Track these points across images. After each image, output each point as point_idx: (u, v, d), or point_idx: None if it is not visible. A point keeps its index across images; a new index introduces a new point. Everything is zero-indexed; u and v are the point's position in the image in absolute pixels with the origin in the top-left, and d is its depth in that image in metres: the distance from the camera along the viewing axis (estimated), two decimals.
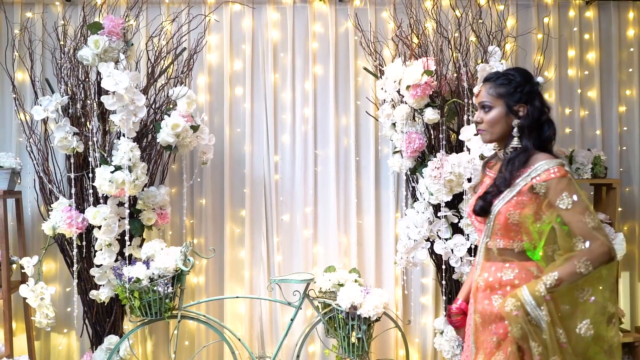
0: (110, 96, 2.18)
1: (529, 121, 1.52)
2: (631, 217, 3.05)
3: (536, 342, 1.38)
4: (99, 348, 2.50)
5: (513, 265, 1.51)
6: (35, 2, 2.87)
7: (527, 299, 1.39)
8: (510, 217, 1.49)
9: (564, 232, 1.42)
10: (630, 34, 3.07)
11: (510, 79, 1.54)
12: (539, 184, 1.45)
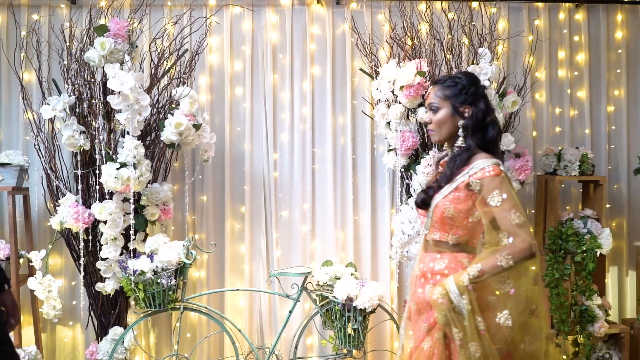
0: (116, 96, 2.27)
1: (473, 122, 1.61)
2: (619, 214, 3.15)
3: (457, 328, 1.47)
4: (104, 339, 2.59)
5: (445, 256, 1.61)
6: (42, 5, 2.96)
7: (451, 288, 1.49)
8: (446, 211, 1.58)
9: (490, 228, 1.51)
10: (618, 36, 3.17)
11: (456, 82, 1.63)
12: (475, 181, 1.55)
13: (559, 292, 2.59)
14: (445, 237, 1.62)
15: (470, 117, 1.61)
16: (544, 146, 3.00)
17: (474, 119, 1.61)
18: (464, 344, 1.47)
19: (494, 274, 1.47)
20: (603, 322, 2.62)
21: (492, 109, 1.66)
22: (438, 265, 1.61)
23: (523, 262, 1.48)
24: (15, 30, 2.86)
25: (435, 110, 1.65)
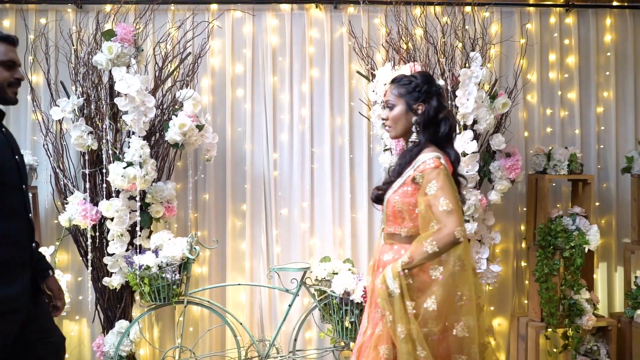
0: (123, 98, 2.38)
1: (425, 118, 1.70)
2: (608, 211, 3.26)
3: (388, 312, 1.57)
4: (110, 332, 2.69)
5: (396, 247, 1.71)
6: (49, 9, 3.07)
7: (388, 274, 1.59)
8: (396, 205, 1.68)
9: (424, 216, 1.60)
10: (607, 39, 3.27)
11: (411, 81, 1.73)
12: (418, 174, 1.64)
13: (548, 286, 2.70)
14: (398, 229, 1.71)
15: (423, 114, 1.70)
16: (535, 146, 3.11)
17: (425, 115, 1.70)
18: (393, 326, 1.57)
19: (422, 259, 1.55)
20: (591, 315, 2.72)
21: (445, 107, 1.74)
22: (387, 256, 1.71)
23: (449, 248, 1.54)
24: (26, 34, 2.95)
25: (391, 108, 1.74)
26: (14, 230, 1.62)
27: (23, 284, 1.64)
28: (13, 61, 1.63)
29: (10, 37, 1.67)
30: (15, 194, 1.65)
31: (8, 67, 1.61)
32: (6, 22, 3.07)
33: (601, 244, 3.24)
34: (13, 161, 1.66)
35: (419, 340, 1.54)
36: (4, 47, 1.62)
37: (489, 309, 3.15)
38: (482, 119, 2.54)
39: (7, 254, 1.59)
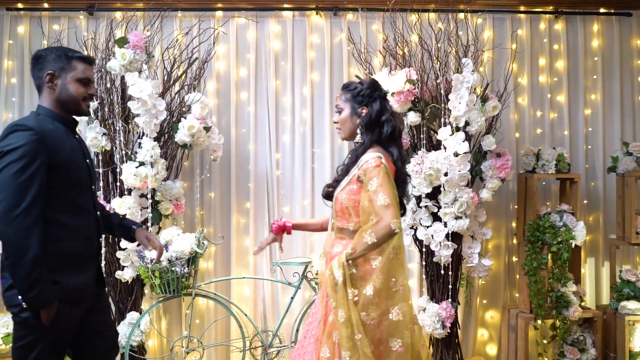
0: (136, 102, 2.54)
1: (368, 120, 1.87)
2: (595, 209, 3.42)
3: (332, 299, 1.75)
4: (122, 323, 2.85)
5: (343, 241, 1.87)
6: (62, 16, 3.23)
7: (334, 264, 1.76)
8: (343, 202, 1.86)
9: (364, 209, 1.77)
10: (594, 45, 3.44)
11: (356, 87, 1.91)
12: (361, 172, 1.81)
13: (536, 279, 2.86)
14: (345, 224, 1.88)
15: (366, 116, 1.87)
16: (526, 146, 3.27)
17: (368, 118, 1.87)
18: (335, 311, 1.74)
19: (363, 250, 1.73)
20: (577, 307, 2.89)
21: (388, 110, 1.90)
22: (336, 249, 1.88)
23: (387, 239, 1.71)
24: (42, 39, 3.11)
25: (340, 112, 1.91)
26: (84, 226, 1.80)
27: (90, 275, 1.83)
28: (89, 79, 1.83)
29: (88, 57, 1.87)
30: (85, 193, 1.83)
31: (84, 84, 1.81)
32: (21, 28, 3.23)
33: (589, 240, 3.42)
34: (84, 164, 1.83)
35: (357, 325, 1.71)
36: (82, 66, 1.81)
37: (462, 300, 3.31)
38: (474, 121, 2.71)
39: (78, 246, 1.77)
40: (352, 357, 1.71)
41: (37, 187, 1.64)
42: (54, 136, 1.73)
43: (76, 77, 1.78)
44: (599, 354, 2.97)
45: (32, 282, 1.61)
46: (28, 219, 1.61)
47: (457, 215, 2.73)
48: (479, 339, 3.38)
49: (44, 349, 1.70)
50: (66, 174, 1.73)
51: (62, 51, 1.81)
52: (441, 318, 2.88)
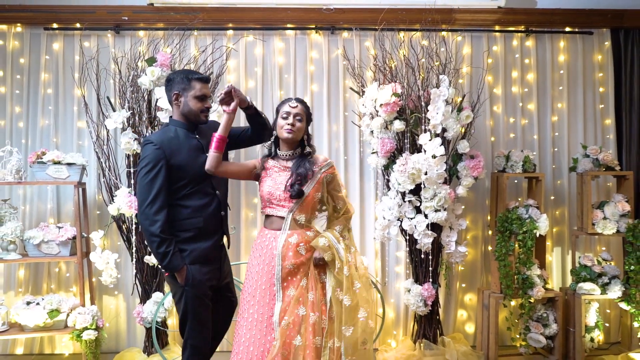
0: (164, 112, 3.05)
1: (308, 133, 2.51)
2: (562, 204, 3.95)
3: (338, 260, 2.34)
4: (148, 302, 3.36)
5: (309, 230, 2.43)
6: (91, 35, 3.74)
7: (332, 237, 2.37)
8: (315, 198, 2.43)
9: (334, 205, 2.47)
10: (561, 59, 3.96)
11: (309, 107, 2.51)
12: (329, 175, 2.46)
13: (505, 264, 3.38)
14: (308, 217, 2.43)
15: (307, 130, 2.50)
16: (499, 149, 3.79)
17: (308, 131, 2.51)
18: (340, 270, 2.33)
19: (344, 229, 2.49)
20: (540, 287, 3.41)
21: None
22: (307, 236, 2.40)
23: (350, 220, 2.55)
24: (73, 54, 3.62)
25: (300, 120, 2.41)
26: (205, 206, 2.36)
27: (213, 242, 2.40)
28: (205, 95, 2.37)
29: (204, 77, 2.41)
30: (204, 181, 2.37)
31: (201, 100, 2.34)
32: (56, 45, 3.74)
33: (556, 232, 3.95)
34: (203, 158, 2.36)
35: (355, 277, 2.36)
36: (199, 85, 2.35)
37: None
38: (451, 128, 3.23)
39: (201, 222, 2.35)
40: (352, 300, 2.33)
41: (159, 185, 2.22)
42: (173, 143, 2.29)
43: (194, 95, 2.33)
44: (559, 328, 3.49)
45: (162, 255, 2.24)
46: (152, 209, 2.21)
47: (436, 209, 3.25)
48: (458, 319, 3.91)
49: (188, 300, 2.33)
50: (184, 170, 2.30)
51: (185, 74, 2.37)
52: (423, 298, 3.40)
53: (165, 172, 2.26)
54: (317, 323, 2.29)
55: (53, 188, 3.68)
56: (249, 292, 2.40)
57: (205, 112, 2.38)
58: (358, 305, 2.34)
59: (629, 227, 3.43)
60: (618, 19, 3.88)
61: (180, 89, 2.33)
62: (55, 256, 3.31)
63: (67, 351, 3.71)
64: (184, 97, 2.34)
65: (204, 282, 2.36)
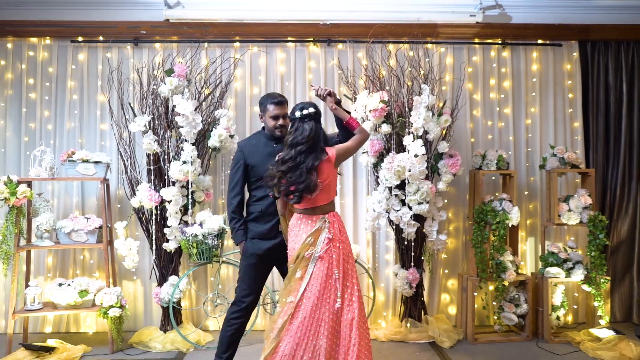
0: (181, 117, 3.52)
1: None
2: (534, 198, 4.42)
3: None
4: (165, 284, 3.83)
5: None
6: (113, 46, 4.21)
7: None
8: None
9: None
10: (534, 69, 4.44)
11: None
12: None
13: (481, 250, 3.85)
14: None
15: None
16: (478, 149, 4.26)
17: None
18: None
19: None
20: (512, 272, 3.87)
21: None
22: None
23: None
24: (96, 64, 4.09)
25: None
26: (265, 196, 2.85)
27: (269, 224, 2.88)
28: (278, 115, 2.88)
29: (277, 101, 2.92)
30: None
31: (274, 119, 2.86)
32: (81, 55, 4.21)
33: (530, 223, 4.42)
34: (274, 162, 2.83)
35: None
36: (272, 107, 2.88)
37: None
38: (432, 131, 3.70)
39: (260, 208, 2.88)
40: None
41: (237, 178, 2.86)
42: (252, 148, 2.88)
43: (270, 115, 2.88)
44: (530, 308, 3.96)
45: (231, 229, 2.92)
46: (231, 195, 2.86)
47: (419, 201, 3.72)
48: (442, 302, 4.38)
49: (242, 265, 2.95)
50: (256, 169, 2.86)
51: (264, 99, 2.94)
52: (409, 281, 3.87)
53: (243, 169, 2.89)
54: None
55: (78, 184, 4.15)
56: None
57: (279, 128, 2.87)
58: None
59: (590, 218, 3.90)
60: (585, 33, 4.35)
61: (262, 110, 2.93)
62: (84, 243, 3.78)
63: (91, 330, 4.18)
64: (264, 117, 2.92)
65: (258, 254, 2.89)
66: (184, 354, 3.68)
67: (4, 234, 3.56)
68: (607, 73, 4.43)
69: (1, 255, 3.54)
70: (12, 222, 3.58)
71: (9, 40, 4.20)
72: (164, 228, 3.74)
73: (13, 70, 4.21)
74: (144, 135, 3.66)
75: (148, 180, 3.77)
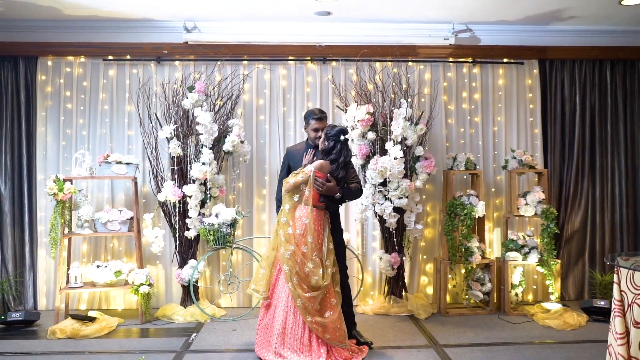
0: (201, 126, 4.29)
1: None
2: (500, 195, 5.22)
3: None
4: (185, 267, 4.60)
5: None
6: (138, 63, 4.97)
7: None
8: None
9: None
10: (500, 83, 5.23)
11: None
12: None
13: (451, 237, 4.64)
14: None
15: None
16: (450, 152, 5.05)
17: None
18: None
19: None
20: (478, 256, 4.66)
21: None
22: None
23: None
24: (124, 79, 4.86)
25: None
26: None
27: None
28: (317, 128, 3.66)
29: (317, 116, 3.69)
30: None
31: (315, 131, 3.64)
32: (111, 71, 4.98)
33: (497, 216, 5.22)
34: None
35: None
36: (313, 121, 3.66)
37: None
38: (410, 138, 4.49)
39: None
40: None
41: (282, 173, 3.70)
42: (295, 153, 3.71)
43: (311, 128, 3.67)
44: (493, 286, 4.76)
45: (277, 207, 3.67)
46: (278, 187, 3.65)
47: (399, 196, 4.50)
48: (421, 283, 5.17)
49: None
50: (295, 168, 3.62)
51: (308, 114, 3.70)
52: (391, 263, 4.66)
53: (287, 169, 3.75)
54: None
55: (109, 182, 4.92)
56: None
57: (319, 138, 3.62)
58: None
59: (543, 210, 4.70)
60: (543, 53, 5.15)
61: (306, 123, 3.73)
62: (117, 232, 4.54)
63: (119, 307, 4.94)
64: (307, 128, 3.72)
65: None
66: (202, 324, 4.45)
67: (53, 223, 4.32)
68: (563, 87, 5.23)
69: (50, 241, 4.30)
70: (59, 213, 4.34)
71: (49, 58, 4.95)
72: (185, 219, 4.52)
73: (52, 84, 4.97)
74: (170, 141, 4.43)
75: (172, 178, 4.54)
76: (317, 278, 3.37)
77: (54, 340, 4.02)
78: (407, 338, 4.04)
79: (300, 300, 3.33)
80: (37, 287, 4.90)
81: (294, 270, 3.36)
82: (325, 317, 3.40)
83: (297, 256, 3.38)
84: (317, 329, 3.35)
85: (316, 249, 3.42)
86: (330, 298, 3.45)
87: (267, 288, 3.49)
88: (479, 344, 3.89)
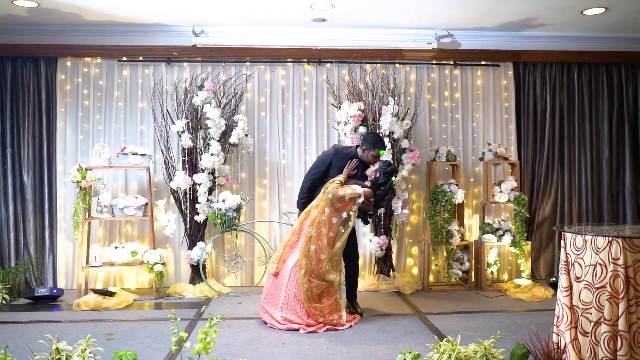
0: (210, 121, 4.86)
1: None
2: (479, 184, 5.84)
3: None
4: (194, 248, 5.15)
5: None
6: (150, 64, 5.52)
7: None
8: None
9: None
10: (478, 83, 5.86)
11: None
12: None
13: (434, 221, 5.25)
14: None
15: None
16: (433, 146, 5.65)
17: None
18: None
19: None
20: (457, 238, 5.27)
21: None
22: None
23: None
24: (137, 78, 5.41)
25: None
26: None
27: None
28: (379, 155, 4.28)
29: (383, 147, 4.33)
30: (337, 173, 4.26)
31: (375, 157, 4.26)
32: (125, 71, 5.52)
33: (475, 203, 5.83)
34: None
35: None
36: (375, 151, 4.28)
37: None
38: (396, 132, 5.08)
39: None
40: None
41: (320, 169, 4.27)
42: (342, 155, 4.28)
43: (373, 155, 4.27)
44: (471, 265, 5.37)
45: (299, 199, 4.25)
46: (309, 177, 4.26)
47: None
48: (407, 264, 5.77)
49: None
50: (334, 170, 4.23)
51: (377, 141, 4.29)
52: (380, 245, 5.26)
53: (328, 165, 4.30)
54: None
55: (123, 172, 5.45)
56: None
57: (373, 163, 4.26)
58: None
59: (515, 197, 5.32)
60: (517, 56, 5.78)
61: (368, 147, 4.29)
62: (133, 216, 5.08)
63: (133, 286, 5.48)
64: (367, 151, 4.30)
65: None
66: (210, 299, 5.01)
67: (76, 208, 4.86)
68: (535, 87, 5.87)
69: (74, 224, 4.83)
70: (82, 199, 4.88)
71: (68, 59, 5.48)
72: (195, 204, 5.07)
73: (71, 83, 5.50)
74: (181, 134, 4.99)
75: (183, 168, 5.10)
76: (334, 276, 4.06)
77: (79, 311, 4.56)
78: (394, 308, 4.64)
79: (306, 286, 3.96)
80: (56, 268, 5.42)
81: (310, 265, 4.00)
82: (322, 302, 4.02)
83: (316, 256, 4.04)
84: (315, 313, 3.95)
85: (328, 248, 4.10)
86: (330, 288, 4.05)
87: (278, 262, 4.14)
88: (457, 312, 4.50)
